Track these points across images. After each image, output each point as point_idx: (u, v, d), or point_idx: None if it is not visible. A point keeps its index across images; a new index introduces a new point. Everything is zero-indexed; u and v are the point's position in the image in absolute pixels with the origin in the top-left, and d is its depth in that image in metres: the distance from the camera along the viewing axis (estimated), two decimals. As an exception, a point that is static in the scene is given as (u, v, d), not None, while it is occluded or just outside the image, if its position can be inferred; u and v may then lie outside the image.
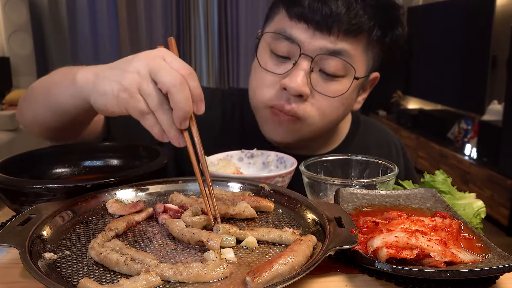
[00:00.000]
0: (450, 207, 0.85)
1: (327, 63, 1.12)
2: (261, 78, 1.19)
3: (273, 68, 1.17)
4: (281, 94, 1.15)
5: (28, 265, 0.61)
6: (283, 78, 1.14)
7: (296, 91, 1.12)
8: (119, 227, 0.77)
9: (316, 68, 1.14)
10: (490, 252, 0.69)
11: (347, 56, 1.12)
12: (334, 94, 1.15)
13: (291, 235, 0.73)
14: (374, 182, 0.96)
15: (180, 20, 6.89)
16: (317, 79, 1.14)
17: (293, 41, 1.12)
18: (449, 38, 5.92)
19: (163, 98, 0.82)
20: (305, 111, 1.16)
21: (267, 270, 0.60)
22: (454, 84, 5.90)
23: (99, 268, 0.66)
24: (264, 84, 1.18)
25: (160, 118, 0.82)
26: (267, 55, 1.18)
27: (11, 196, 0.90)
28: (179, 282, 0.62)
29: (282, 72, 1.15)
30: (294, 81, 1.11)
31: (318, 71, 1.14)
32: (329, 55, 1.11)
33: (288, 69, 1.14)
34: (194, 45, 6.97)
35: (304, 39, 1.11)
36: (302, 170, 1.02)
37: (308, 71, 1.12)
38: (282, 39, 1.13)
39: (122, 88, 0.83)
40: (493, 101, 5.05)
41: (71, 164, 1.15)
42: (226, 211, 0.83)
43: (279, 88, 1.15)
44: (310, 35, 1.11)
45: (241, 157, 1.20)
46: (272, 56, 1.17)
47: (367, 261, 0.66)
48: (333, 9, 1.08)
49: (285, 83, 1.12)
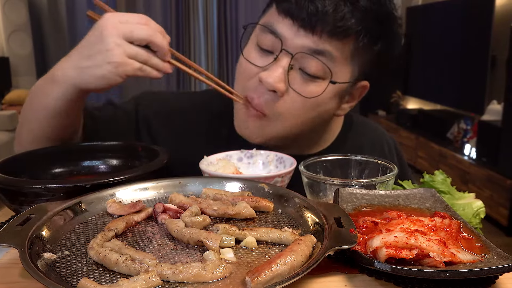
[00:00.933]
0: (449, 207, 0.85)
1: (307, 62, 1.10)
2: (243, 68, 1.18)
3: (255, 60, 1.16)
4: (257, 87, 1.14)
5: (27, 265, 0.61)
6: (262, 71, 1.13)
7: (270, 86, 1.11)
8: (118, 227, 0.77)
9: (296, 66, 1.12)
10: (490, 252, 0.69)
11: (329, 59, 1.10)
12: (309, 95, 1.13)
13: (290, 235, 0.73)
14: (374, 182, 0.96)
15: (179, 20, 6.89)
16: (295, 77, 1.12)
17: (277, 36, 1.11)
18: (449, 38, 5.93)
19: (144, 49, 1.02)
20: (273, 109, 1.15)
21: (267, 270, 0.60)
22: (454, 84, 5.90)
23: (98, 268, 0.66)
24: (243, 74, 1.18)
25: (152, 63, 1.03)
26: (252, 47, 1.18)
27: (10, 196, 0.90)
28: (179, 282, 0.62)
29: (262, 65, 1.14)
30: (271, 76, 1.10)
31: (298, 69, 1.12)
32: (310, 54, 1.09)
33: (268, 62, 1.13)
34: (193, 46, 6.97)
35: (288, 35, 1.10)
36: (301, 170, 1.02)
37: (287, 68, 1.11)
38: (267, 32, 1.12)
39: (115, 64, 0.98)
40: (492, 101, 5.05)
41: (71, 164, 1.15)
42: (226, 211, 0.83)
43: (257, 80, 1.14)
44: (294, 31, 1.09)
45: (240, 157, 1.20)
46: (256, 48, 1.17)
47: (367, 261, 0.66)
48: (320, 8, 1.06)
49: (262, 76, 1.11)
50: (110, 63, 0.98)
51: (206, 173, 1.03)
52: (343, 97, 1.21)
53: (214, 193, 0.91)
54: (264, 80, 1.11)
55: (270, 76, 1.10)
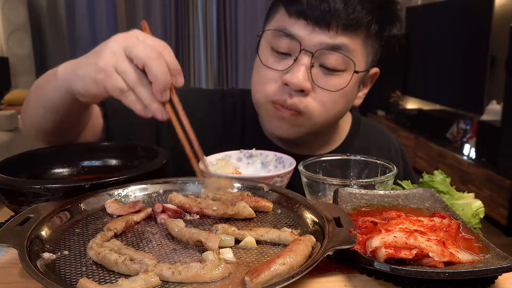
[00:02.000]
0: (448, 207, 0.85)
1: (327, 57, 1.14)
2: (263, 74, 1.21)
3: (274, 64, 1.18)
4: (283, 89, 1.17)
5: (26, 265, 0.61)
6: (284, 74, 1.16)
7: (297, 86, 1.14)
8: (117, 227, 0.77)
9: (317, 63, 1.15)
10: (489, 252, 0.69)
11: (347, 51, 1.14)
12: (335, 88, 1.17)
13: (289, 235, 0.73)
14: (373, 182, 0.96)
15: (178, 20, 6.89)
16: (318, 74, 1.16)
17: (293, 38, 1.13)
18: (448, 38, 5.93)
19: (140, 74, 0.85)
20: (307, 106, 1.17)
21: (266, 270, 0.60)
22: (453, 84, 5.90)
23: (97, 268, 0.66)
24: (265, 80, 1.20)
25: (140, 92, 0.85)
26: (268, 53, 1.20)
27: (9, 196, 0.90)
28: (178, 282, 0.62)
29: (283, 68, 1.16)
30: (296, 77, 1.13)
31: (319, 66, 1.16)
32: (329, 49, 1.13)
33: (289, 65, 1.15)
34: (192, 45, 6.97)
35: (304, 35, 1.13)
36: (301, 170, 1.02)
37: (309, 67, 1.14)
38: (282, 36, 1.15)
39: (98, 69, 0.86)
40: (491, 101, 5.05)
41: (70, 164, 1.15)
42: (225, 211, 0.83)
43: (281, 84, 1.17)
44: (309, 31, 1.12)
45: (239, 157, 1.20)
46: (273, 53, 1.19)
47: (366, 261, 0.66)
48: (331, 5, 1.10)
49: (287, 78, 1.14)
50: (95, 65, 0.87)
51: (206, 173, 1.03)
52: (360, 85, 1.26)
53: (213, 193, 0.91)
54: (289, 82, 1.13)
55: (295, 77, 1.13)
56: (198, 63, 7.07)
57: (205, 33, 6.98)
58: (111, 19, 7.14)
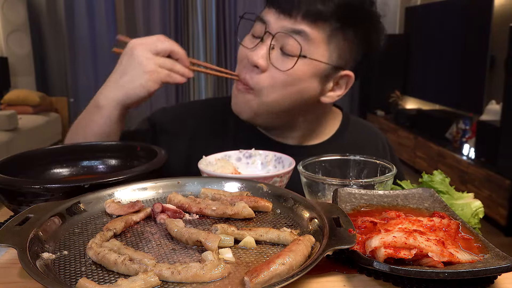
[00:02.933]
0: (448, 207, 0.86)
1: (286, 41, 1.23)
2: (239, 53, 1.34)
3: (247, 44, 1.31)
4: (246, 65, 1.29)
5: (26, 265, 0.61)
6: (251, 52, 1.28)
7: (253, 62, 1.25)
8: (117, 227, 0.77)
9: (277, 46, 1.25)
10: (488, 252, 0.69)
11: (305, 38, 1.22)
12: (285, 68, 1.24)
13: (289, 235, 0.73)
14: (372, 182, 0.96)
15: (178, 20, 6.89)
16: (276, 55, 1.25)
17: (264, 22, 1.27)
18: (447, 38, 5.93)
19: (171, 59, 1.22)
20: (258, 82, 1.27)
21: (265, 270, 0.60)
22: (452, 84, 5.91)
23: (97, 268, 0.66)
24: (239, 58, 1.33)
25: (177, 69, 1.22)
26: (248, 36, 1.34)
27: (9, 196, 0.90)
28: (177, 282, 0.62)
29: (251, 47, 1.28)
30: (255, 54, 1.25)
31: (279, 49, 1.25)
32: (288, 33, 1.23)
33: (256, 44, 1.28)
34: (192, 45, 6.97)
35: (271, 20, 1.25)
36: (300, 170, 1.02)
37: (269, 47, 1.25)
38: (258, 21, 1.29)
39: (150, 73, 1.18)
40: (491, 101, 5.06)
41: (69, 164, 1.15)
42: (224, 211, 0.83)
43: (247, 60, 1.28)
44: (276, 17, 1.25)
45: (239, 157, 1.20)
46: (250, 36, 1.33)
47: (365, 261, 0.66)
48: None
49: (248, 54, 1.27)
50: (146, 73, 1.17)
51: (205, 173, 1.03)
52: (325, 81, 1.30)
53: (212, 193, 0.91)
54: (249, 57, 1.26)
55: (255, 54, 1.25)
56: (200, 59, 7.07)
57: (204, 33, 6.99)
58: (111, 19, 7.15)
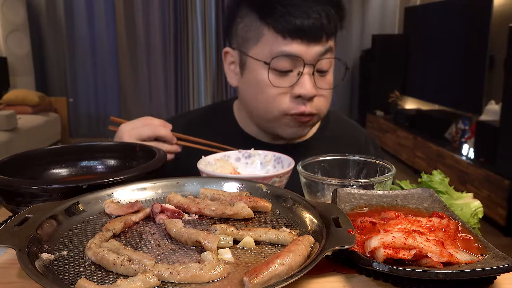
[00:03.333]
0: (447, 207, 0.85)
1: (321, 63, 1.29)
2: (269, 93, 1.31)
3: (280, 82, 1.29)
4: (295, 101, 1.30)
5: (25, 266, 0.61)
6: (292, 88, 1.29)
7: (310, 95, 1.28)
8: (116, 228, 0.77)
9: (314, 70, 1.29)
10: (488, 253, 0.69)
11: (332, 52, 1.32)
12: (329, 85, 1.35)
13: (288, 236, 0.73)
14: (372, 182, 0.96)
15: (177, 20, 6.89)
16: (317, 79, 1.30)
17: (296, 57, 1.26)
18: (447, 38, 5.94)
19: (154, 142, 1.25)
20: (318, 107, 1.34)
21: (265, 270, 0.60)
22: (452, 84, 5.91)
23: (96, 268, 0.66)
24: (275, 97, 1.31)
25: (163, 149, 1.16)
26: (265, 72, 1.30)
27: (7, 196, 0.90)
28: (176, 282, 0.62)
29: (290, 84, 1.29)
30: (306, 89, 1.27)
31: (316, 72, 1.30)
32: (322, 56, 1.28)
33: (294, 79, 1.28)
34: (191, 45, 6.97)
35: (303, 51, 1.25)
36: (299, 170, 1.02)
37: (311, 75, 1.28)
38: (282, 57, 1.26)
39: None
40: (490, 101, 5.06)
41: (68, 164, 1.15)
42: (223, 211, 0.83)
43: (291, 97, 1.30)
44: (306, 46, 1.26)
45: (238, 157, 1.20)
46: (274, 73, 1.29)
47: (365, 261, 0.66)
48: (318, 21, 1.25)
49: (298, 91, 1.28)
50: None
51: (204, 173, 1.03)
52: None
53: (212, 193, 0.91)
54: (302, 94, 1.28)
55: (305, 89, 1.27)
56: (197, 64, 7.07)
57: (203, 33, 6.98)
58: (110, 19, 7.15)
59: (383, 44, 7.18)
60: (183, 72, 7.08)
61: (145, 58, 7.12)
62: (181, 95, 7.24)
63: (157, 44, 6.96)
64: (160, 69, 7.14)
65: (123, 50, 7.09)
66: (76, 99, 7.41)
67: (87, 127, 7.62)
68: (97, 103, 7.52)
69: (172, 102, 7.27)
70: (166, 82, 7.19)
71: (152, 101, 7.33)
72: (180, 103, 7.31)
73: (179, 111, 7.25)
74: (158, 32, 6.88)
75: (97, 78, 7.30)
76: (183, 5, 6.83)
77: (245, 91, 1.39)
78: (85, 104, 7.50)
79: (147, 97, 7.34)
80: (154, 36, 6.94)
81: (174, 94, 7.25)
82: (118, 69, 7.29)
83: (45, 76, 7.33)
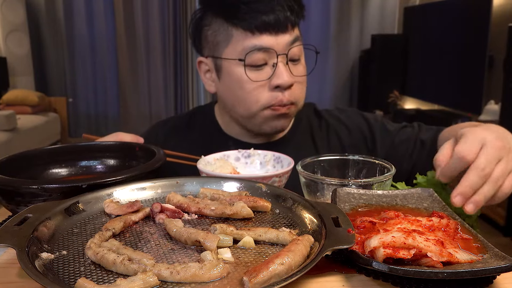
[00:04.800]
0: (447, 207, 0.86)
1: (293, 51, 1.34)
2: (248, 89, 1.34)
3: (257, 77, 1.33)
4: (274, 92, 1.33)
5: (25, 265, 0.61)
6: (270, 80, 1.32)
7: (288, 84, 1.31)
8: (116, 227, 0.77)
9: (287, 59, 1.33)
10: (487, 252, 0.69)
11: (300, 40, 1.37)
12: (304, 72, 1.40)
13: (288, 235, 0.73)
14: (371, 182, 0.96)
15: (177, 20, 6.89)
16: (291, 67, 1.34)
17: (267, 48, 1.30)
18: (446, 38, 5.93)
19: None
20: (296, 95, 1.37)
21: (264, 270, 0.60)
22: (451, 84, 5.90)
23: (96, 268, 0.66)
24: (253, 93, 1.34)
25: None
26: (242, 69, 1.33)
27: (7, 196, 0.90)
28: (176, 282, 0.62)
29: (267, 77, 1.32)
30: (283, 78, 1.31)
31: (289, 61, 1.34)
32: (292, 45, 1.33)
33: (269, 71, 1.32)
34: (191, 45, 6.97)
35: (273, 43, 1.30)
36: (299, 170, 1.02)
37: (285, 65, 1.33)
38: (256, 51, 1.30)
39: None
40: (490, 101, 5.06)
41: (68, 164, 1.15)
42: (223, 211, 0.83)
43: (270, 89, 1.33)
44: (275, 38, 1.31)
45: (237, 156, 1.20)
46: (250, 69, 1.33)
47: (364, 261, 0.66)
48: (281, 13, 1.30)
49: (276, 82, 1.31)
50: None
51: (204, 173, 1.03)
52: None
53: (211, 193, 0.91)
54: (281, 84, 1.31)
55: (282, 78, 1.31)
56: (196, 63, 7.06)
57: (203, 33, 6.96)
58: (109, 19, 7.14)
59: (382, 44, 7.17)
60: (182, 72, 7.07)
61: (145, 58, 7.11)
62: (181, 95, 7.23)
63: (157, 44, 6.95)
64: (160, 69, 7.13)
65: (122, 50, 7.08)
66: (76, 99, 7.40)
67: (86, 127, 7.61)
68: (96, 103, 7.51)
69: (172, 102, 7.26)
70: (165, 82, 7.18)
71: (152, 101, 7.31)
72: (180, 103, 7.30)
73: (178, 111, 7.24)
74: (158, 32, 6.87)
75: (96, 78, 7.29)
76: (183, 5, 6.82)
77: (225, 94, 1.42)
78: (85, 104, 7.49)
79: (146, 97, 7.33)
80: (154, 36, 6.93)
81: (173, 94, 7.24)
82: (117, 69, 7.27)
83: (44, 76, 7.32)
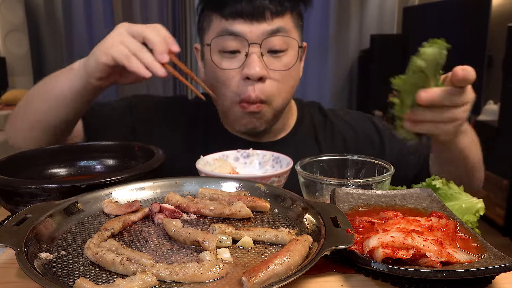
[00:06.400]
0: (446, 207, 0.86)
1: (271, 42, 1.26)
2: (221, 77, 1.29)
3: (228, 65, 1.28)
4: (244, 84, 1.27)
5: (24, 265, 0.61)
6: (241, 70, 1.26)
7: (258, 76, 1.24)
8: (115, 227, 0.77)
9: (265, 51, 1.26)
10: (486, 252, 0.69)
11: (285, 32, 1.27)
12: (286, 67, 1.29)
13: (287, 235, 0.73)
14: (370, 182, 0.96)
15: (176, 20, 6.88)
16: (268, 60, 1.27)
17: (238, 35, 1.24)
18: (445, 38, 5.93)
19: (141, 45, 1.08)
20: (267, 92, 1.27)
21: (263, 270, 0.60)
22: (450, 84, 5.90)
23: (95, 268, 0.66)
24: (226, 82, 1.29)
25: (142, 57, 1.06)
26: (218, 57, 1.29)
27: (6, 196, 0.90)
28: (175, 282, 0.62)
29: (238, 65, 1.27)
30: (253, 68, 1.23)
31: (267, 53, 1.27)
32: (270, 35, 1.25)
33: (242, 61, 1.26)
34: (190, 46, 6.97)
35: (247, 30, 1.24)
36: (298, 170, 1.02)
37: (260, 56, 1.25)
38: (227, 36, 1.26)
39: (108, 46, 1.08)
40: (488, 101, 5.06)
41: (67, 164, 1.15)
42: (222, 211, 0.83)
43: (241, 79, 1.26)
44: (249, 26, 1.24)
45: (237, 156, 1.20)
46: (223, 55, 1.29)
47: (363, 261, 0.66)
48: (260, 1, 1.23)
49: (246, 72, 1.24)
50: (105, 42, 1.10)
51: (203, 173, 1.03)
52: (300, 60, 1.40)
53: (210, 193, 0.91)
54: (249, 74, 1.24)
55: (253, 69, 1.23)
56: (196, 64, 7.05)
57: (202, 33, 6.96)
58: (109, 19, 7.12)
59: (381, 44, 7.16)
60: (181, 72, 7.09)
61: (144, 58, 7.12)
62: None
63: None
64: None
65: (121, 50, 7.09)
66: (75, 99, 7.40)
67: (85, 127, 7.61)
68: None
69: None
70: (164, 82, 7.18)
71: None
72: (179, 103, 7.31)
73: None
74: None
75: (95, 78, 7.29)
76: (182, 5, 6.82)
77: (207, 83, 1.36)
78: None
79: (145, 97, 7.33)
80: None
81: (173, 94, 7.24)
82: (116, 69, 7.28)
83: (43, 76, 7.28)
